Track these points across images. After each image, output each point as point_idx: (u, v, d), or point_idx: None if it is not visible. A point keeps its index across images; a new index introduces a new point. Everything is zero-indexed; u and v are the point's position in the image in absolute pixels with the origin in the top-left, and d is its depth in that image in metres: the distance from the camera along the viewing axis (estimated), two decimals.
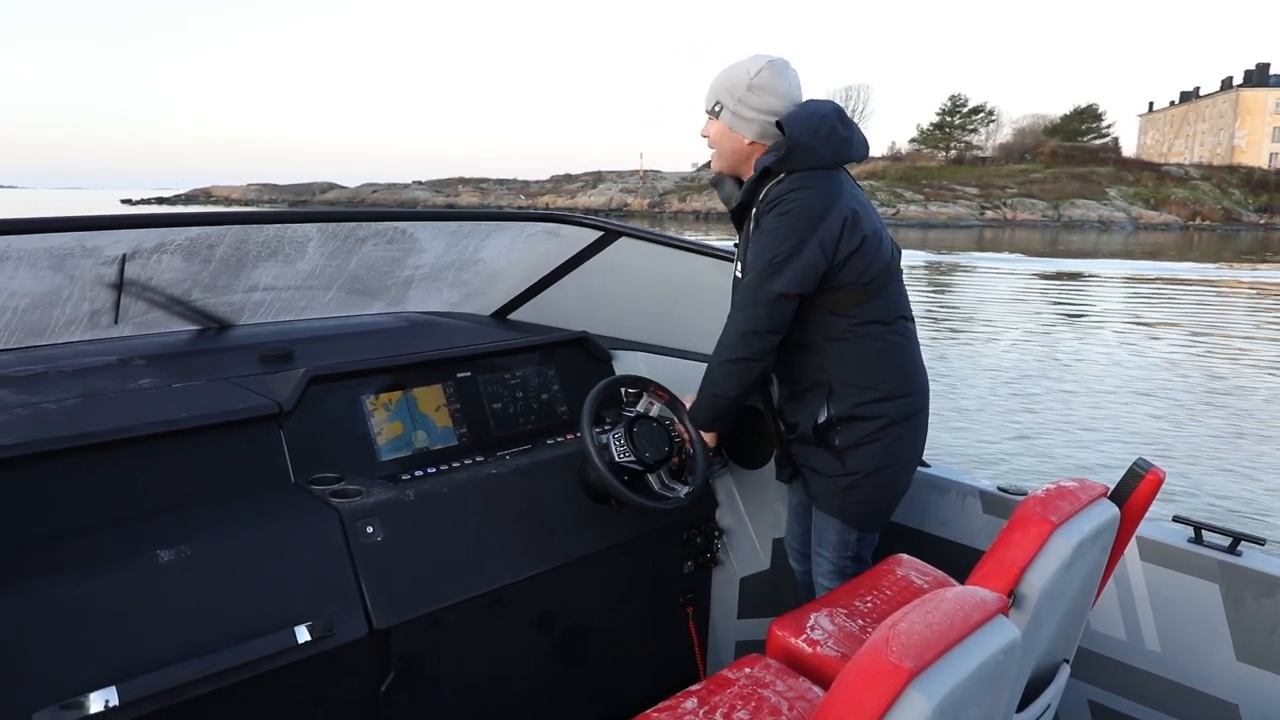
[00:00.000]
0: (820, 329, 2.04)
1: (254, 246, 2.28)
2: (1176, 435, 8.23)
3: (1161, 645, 2.10)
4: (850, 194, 2.01)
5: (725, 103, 2.06)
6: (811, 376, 2.10)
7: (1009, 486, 2.38)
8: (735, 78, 2.04)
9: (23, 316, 2.19)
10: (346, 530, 1.80)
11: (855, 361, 2.04)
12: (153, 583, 1.56)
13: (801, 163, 1.97)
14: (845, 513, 2.12)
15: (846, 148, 2.02)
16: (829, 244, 1.94)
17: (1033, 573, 1.44)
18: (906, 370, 2.09)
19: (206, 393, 2.03)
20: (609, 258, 2.85)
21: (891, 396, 2.05)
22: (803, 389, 2.13)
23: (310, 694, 1.74)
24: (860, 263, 1.98)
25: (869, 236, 1.99)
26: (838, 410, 2.06)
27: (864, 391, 2.04)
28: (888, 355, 2.05)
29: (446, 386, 2.33)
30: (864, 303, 2.01)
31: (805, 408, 2.11)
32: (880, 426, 2.05)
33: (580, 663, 2.27)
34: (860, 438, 2.05)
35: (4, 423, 1.74)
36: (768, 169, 2.00)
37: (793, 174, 1.97)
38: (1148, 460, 1.74)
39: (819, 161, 1.98)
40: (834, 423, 2.07)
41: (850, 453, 2.07)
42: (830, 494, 2.13)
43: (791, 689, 1.67)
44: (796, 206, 1.94)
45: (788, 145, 1.96)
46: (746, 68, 2.03)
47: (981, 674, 1.10)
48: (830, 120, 2.00)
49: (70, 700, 1.39)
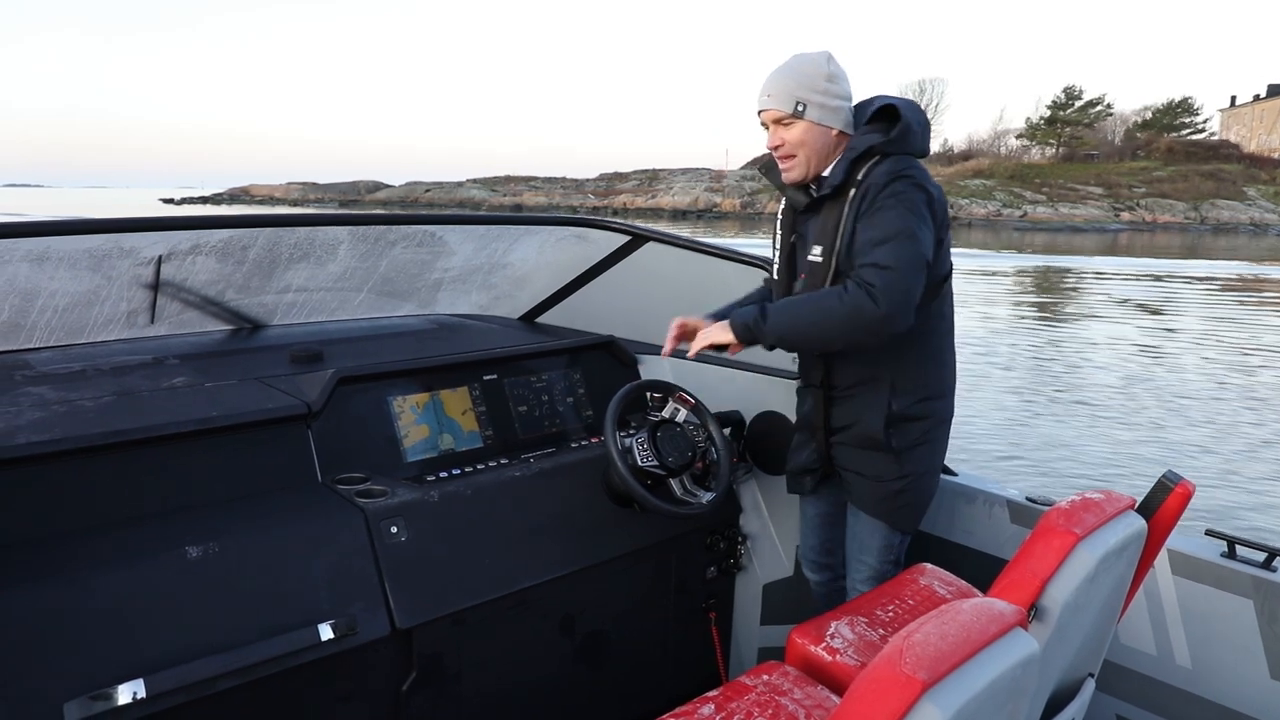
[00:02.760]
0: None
1: (286, 249, 2.32)
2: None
3: (1193, 661, 2.06)
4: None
5: (809, 99, 1.97)
6: (864, 373, 2.04)
7: (1037, 497, 2.36)
8: (810, 72, 1.98)
9: (63, 315, 2.25)
10: (371, 530, 1.82)
11: (913, 359, 2.02)
12: (181, 578, 1.59)
13: (911, 145, 1.96)
14: (893, 516, 2.10)
15: (929, 141, 2.03)
16: (938, 223, 1.93)
17: (1055, 585, 1.42)
18: (949, 370, 2.08)
19: (237, 392, 2.07)
20: (637, 262, 2.86)
21: (942, 395, 2.05)
22: (851, 385, 2.07)
23: (334, 691, 1.77)
24: (943, 255, 1.98)
25: (948, 228, 1.99)
26: (900, 407, 2.02)
27: (920, 389, 2.03)
28: (939, 354, 2.05)
29: (473, 389, 2.35)
30: (932, 301, 1.99)
31: (863, 406, 2.05)
32: (931, 426, 2.05)
33: (601, 666, 2.28)
34: (915, 439, 2.04)
35: (42, 419, 1.79)
36: (871, 149, 1.94)
37: (889, 158, 1.93)
38: (1177, 473, 1.72)
39: (917, 148, 1.98)
40: (896, 420, 2.03)
41: (907, 454, 2.05)
42: (880, 498, 2.09)
43: (809, 697, 1.67)
44: (915, 186, 1.89)
45: (902, 127, 1.93)
46: (815, 61, 1.99)
47: (998, 687, 1.09)
48: (923, 114, 2.02)
49: (99, 691, 1.42)
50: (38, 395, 1.94)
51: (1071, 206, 53.67)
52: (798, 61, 2.00)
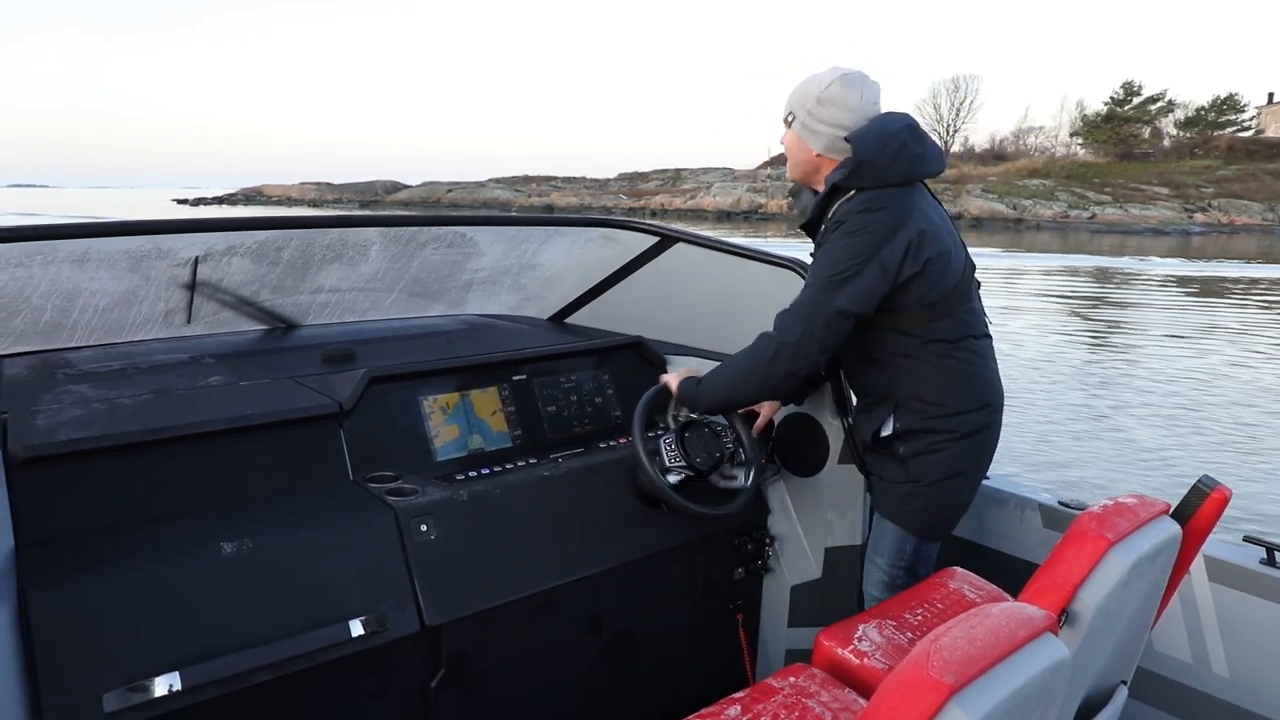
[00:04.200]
0: (887, 346, 2.04)
1: (319, 250, 2.35)
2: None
3: (1230, 670, 2.03)
4: (922, 213, 1.96)
5: (797, 113, 2.05)
6: (879, 390, 2.11)
7: (1070, 501, 2.33)
8: (807, 89, 2.03)
9: (103, 315, 2.30)
10: (401, 528, 1.84)
11: (923, 378, 2.03)
12: (216, 574, 1.62)
13: (870, 180, 1.93)
14: (905, 519, 2.12)
15: (919, 164, 1.97)
16: (891, 267, 1.91)
17: (1086, 590, 1.41)
18: (977, 387, 2.06)
19: (271, 391, 2.10)
20: (666, 263, 2.86)
21: (960, 412, 2.03)
22: (871, 401, 2.15)
23: (364, 687, 1.79)
24: (923, 285, 1.95)
25: (933, 259, 1.95)
26: (904, 424, 2.06)
27: (931, 407, 2.03)
28: (956, 373, 2.03)
29: (502, 389, 2.37)
30: (930, 323, 1.99)
31: (872, 419, 2.13)
32: (947, 440, 2.04)
33: (628, 667, 2.28)
34: (925, 448, 2.06)
35: (83, 416, 1.83)
36: (837, 185, 1.98)
37: (862, 191, 1.95)
38: (1213, 478, 1.69)
39: (888, 179, 1.94)
40: (899, 435, 2.08)
41: (914, 461, 2.07)
42: (892, 499, 2.14)
43: (836, 699, 1.66)
44: (863, 226, 1.90)
45: (855, 163, 1.93)
46: (818, 80, 2.02)
47: (1026, 692, 1.08)
48: (901, 137, 1.95)
49: (137, 683, 1.45)
50: (79, 393, 1.99)
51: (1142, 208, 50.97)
52: (808, 77, 2.06)
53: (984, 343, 2.09)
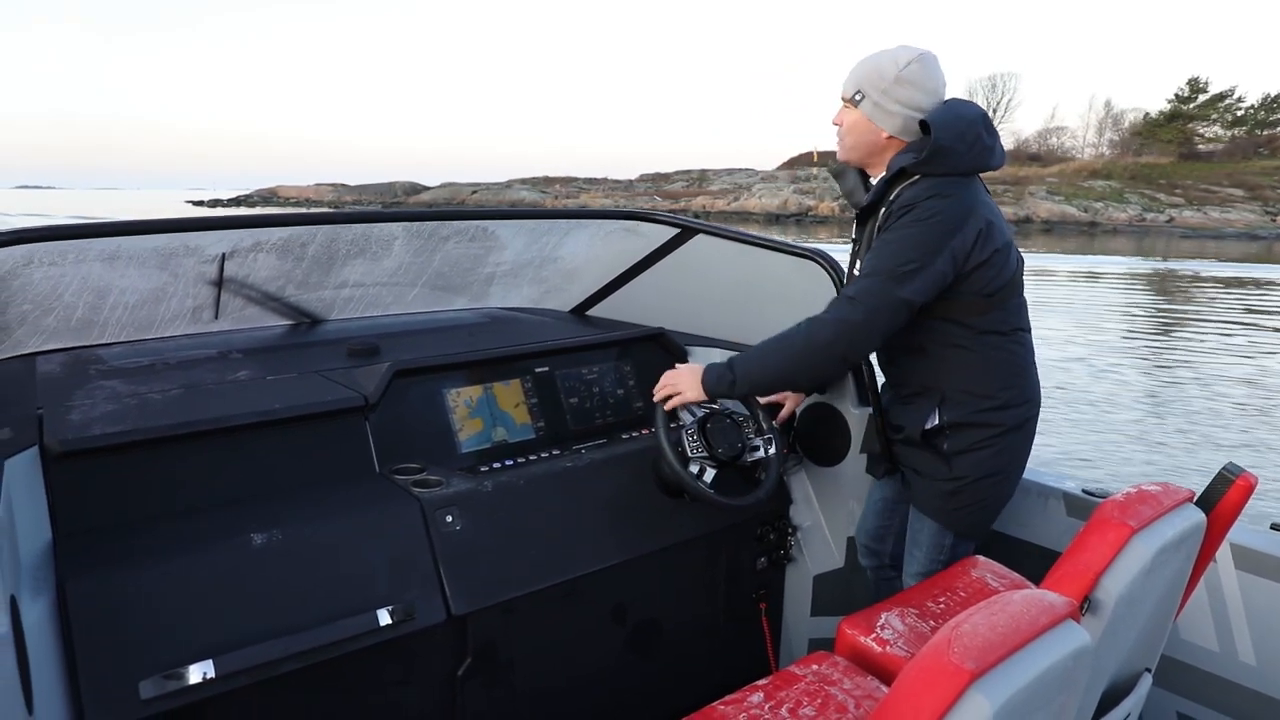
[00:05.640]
0: (938, 335, 2.00)
1: (343, 245, 2.37)
2: None
3: (1257, 658, 2.01)
4: (986, 204, 1.94)
5: (868, 92, 1.96)
6: (923, 381, 2.07)
7: (1094, 489, 2.32)
8: (882, 67, 1.95)
9: (133, 312, 2.34)
10: (427, 519, 1.87)
11: (973, 369, 2.00)
12: (247, 564, 1.65)
13: (941, 167, 1.88)
14: (946, 516, 2.10)
15: (988, 156, 1.94)
16: (960, 255, 1.87)
17: (1109, 578, 1.40)
18: (1024, 380, 2.04)
19: (298, 385, 2.13)
20: (687, 254, 2.86)
21: (1008, 405, 2.01)
22: (912, 393, 2.10)
23: (392, 675, 1.82)
24: (986, 275, 1.92)
25: (1000, 250, 1.92)
26: (951, 417, 2.03)
27: (980, 399, 2.01)
28: (1006, 365, 2.01)
29: (525, 382, 2.39)
30: (985, 314, 1.96)
31: (914, 412, 2.08)
32: (994, 434, 2.01)
33: (651, 655, 2.30)
34: (971, 444, 2.02)
35: (115, 411, 1.87)
36: (904, 169, 1.92)
37: (929, 178, 1.89)
38: (1238, 465, 1.68)
39: (959, 168, 1.90)
40: (944, 429, 2.04)
41: (958, 458, 2.04)
42: (932, 496, 2.10)
43: (859, 687, 1.67)
44: (934, 214, 1.85)
45: (932, 148, 1.86)
46: (895, 58, 1.94)
47: (1048, 679, 1.08)
48: (977, 127, 1.91)
49: (172, 671, 1.49)
50: (110, 388, 2.03)
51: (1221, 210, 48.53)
52: (880, 52, 1.99)
53: (1028, 336, 2.07)
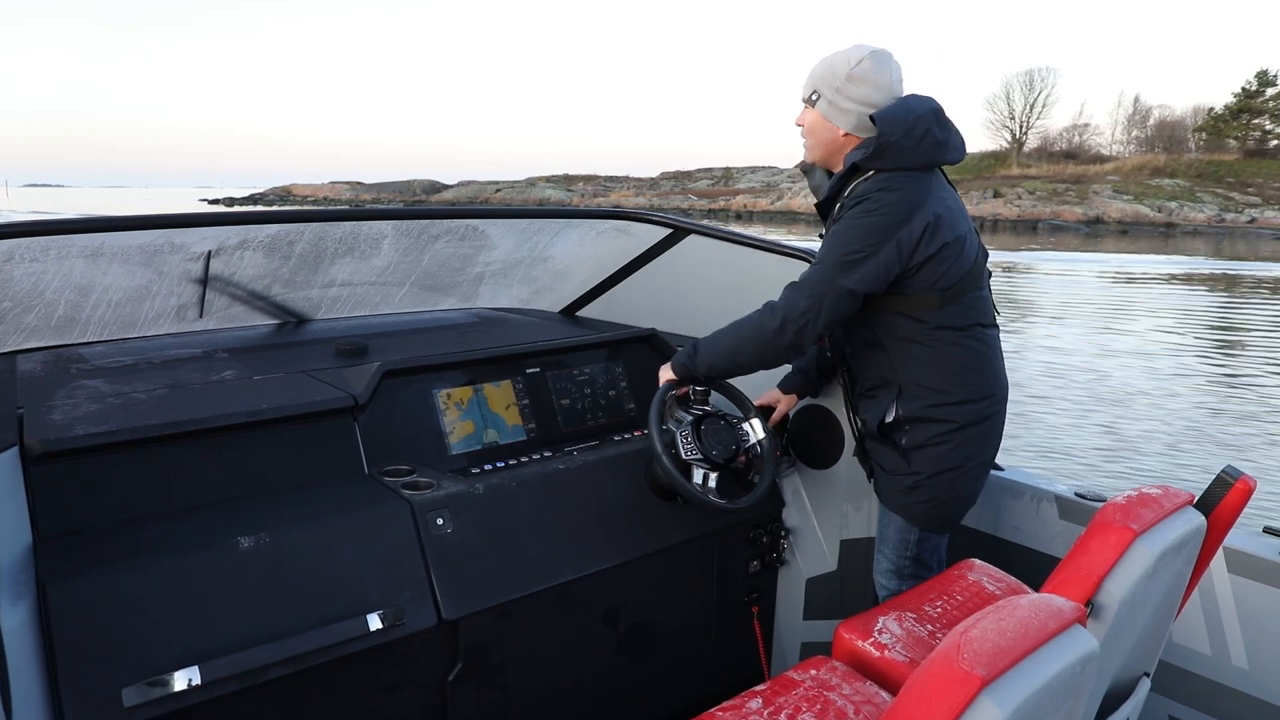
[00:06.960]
0: (892, 329, 2.01)
1: (331, 243, 2.34)
2: None
3: (1250, 662, 2.01)
4: (938, 197, 1.95)
5: (823, 91, 2.01)
6: (881, 375, 2.08)
7: (1087, 492, 2.31)
8: (835, 66, 1.99)
9: (116, 310, 2.29)
10: (417, 521, 1.84)
11: (927, 364, 2.00)
12: (233, 568, 1.61)
13: (891, 162, 1.91)
14: (907, 511, 2.11)
15: (940, 150, 1.95)
16: (906, 247, 1.89)
17: (1112, 582, 1.39)
18: (982, 376, 2.03)
19: (285, 385, 2.09)
20: (679, 255, 2.85)
21: (963, 401, 2.01)
22: (872, 386, 2.12)
23: (382, 680, 1.78)
24: (937, 269, 1.93)
25: (950, 243, 1.93)
26: (906, 411, 2.03)
27: (934, 394, 2.01)
28: (961, 360, 2.00)
29: (516, 383, 2.36)
30: (939, 308, 1.96)
31: (874, 405, 2.10)
32: (951, 430, 2.01)
33: (644, 659, 2.28)
34: (928, 439, 2.03)
35: (98, 411, 1.83)
36: (856, 165, 1.96)
37: (880, 173, 1.93)
38: (1237, 468, 1.67)
39: (909, 162, 1.92)
40: (901, 423, 2.05)
41: (916, 452, 2.05)
42: (894, 491, 2.12)
43: (858, 692, 1.65)
44: (881, 206, 1.88)
45: (878, 143, 1.90)
46: (847, 57, 1.98)
47: (1057, 684, 1.07)
48: (926, 121, 1.92)
49: (156, 678, 1.45)
50: (93, 388, 1.98)
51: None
52: (835, 53, 2.03)
53: (991, 332, 2.07)
